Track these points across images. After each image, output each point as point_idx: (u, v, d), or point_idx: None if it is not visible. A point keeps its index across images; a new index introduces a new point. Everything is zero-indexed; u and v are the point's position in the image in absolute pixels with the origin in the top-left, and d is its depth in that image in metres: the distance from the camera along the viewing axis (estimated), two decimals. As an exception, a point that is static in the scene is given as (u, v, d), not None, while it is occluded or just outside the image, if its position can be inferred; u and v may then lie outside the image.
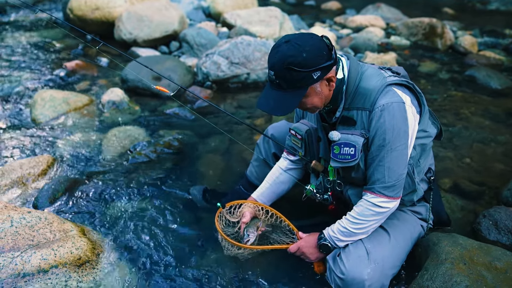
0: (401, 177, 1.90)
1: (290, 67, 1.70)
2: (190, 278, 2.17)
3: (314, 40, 1.74)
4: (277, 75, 1.75)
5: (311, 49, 1.71)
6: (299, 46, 1.70)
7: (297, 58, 1.69)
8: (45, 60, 5.45)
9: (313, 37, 1.76)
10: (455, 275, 1.89)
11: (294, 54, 1.69)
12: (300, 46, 1.70)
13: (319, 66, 1.73)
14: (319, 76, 1.76)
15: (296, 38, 1.73)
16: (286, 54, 1.70)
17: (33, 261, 2.00)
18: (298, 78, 1.73)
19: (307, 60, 1.70)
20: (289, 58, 1.69)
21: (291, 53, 1.69)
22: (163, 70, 4.56)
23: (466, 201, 2.80)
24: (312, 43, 1.73)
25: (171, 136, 3.49)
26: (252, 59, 4.68)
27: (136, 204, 2.69)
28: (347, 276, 1.92)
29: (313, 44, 1.72)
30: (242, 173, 2.85)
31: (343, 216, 2.04)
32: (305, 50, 1.70)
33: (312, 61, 1.71)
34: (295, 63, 1.69)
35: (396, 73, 1.97)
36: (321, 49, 1.74)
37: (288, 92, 1.77)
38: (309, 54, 1.70)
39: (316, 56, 1.72)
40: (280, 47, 1.73)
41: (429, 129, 2.06)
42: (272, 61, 1.74)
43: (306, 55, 1.69)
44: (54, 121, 3.73)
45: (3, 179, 2.81)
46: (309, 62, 1.71)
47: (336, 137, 1.92)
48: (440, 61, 5.98)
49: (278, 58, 1.72)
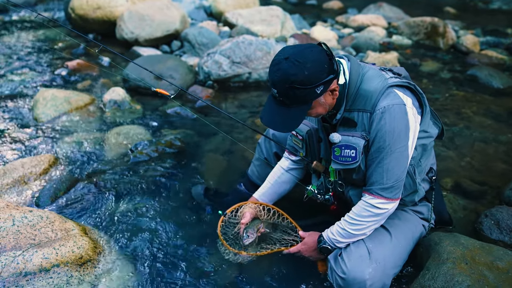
0: (400, 179, 1.89)
1: (292, 86, 1.68)
2: (192, 278, 2.18)
3: (314, 55, 1.70)
4: (280, 93, 1.73)
5: (312, 66, 1.68)
6: (299, 63, 1.67)
7: (299, 76, 1.66)
8: (46, 59, 5.46)
9: (312, 50, 1.72)
10: (457, 274, 1.89)
11: (295, 72, 1.66)
12: (301, 63, 1.67)
13: (322, 81, 1.72)
14: (322, 90, 1.75)
15: (296, 54, 1.68)
16: (287, 73, 1.67)
17: (35, 260, 2.00)
18: (302, 95, 1.72)
19: (309, 77, 1.68)
20: (291, 76, 1.67)
21: (292, 72, 1.66)
22: (165, 69, 4.57)
23: (468, 201, 2.80)
24: (312, 58, 1.69)
25: (173, 135, 3.48)
26: (253, 58, 4.68)
27: (137, 203, 2.69)
28: (348, 275, 1.92)
29: (314, 60, 1.69)
30: (243, 172, 2.84)
31: (342, 218, 2.04)
32: (306, 67, 1.67)
33: (315, 77, 1.69)
34: (297, 82, 1.67)
35: (398, 74, 1.96)
36: (322, 63, 1.71)
37: (292, 108, 1.76)
38: (311, 70, 1.68)
39: (318, 71, 1.70)
40: (280, 64, 1.69)
41: (430, 130, 2.05)
42: (274, 79, 1.72)
43: (308, 72, 1.67)
44: (55, 120, 3.73)
45: (5, 178, 2.81)
46: (311, 79, 1.69)
47: (337, 139, 1.92)
48: (442, 61, 5.96)
49: (280, 76, 1.69)
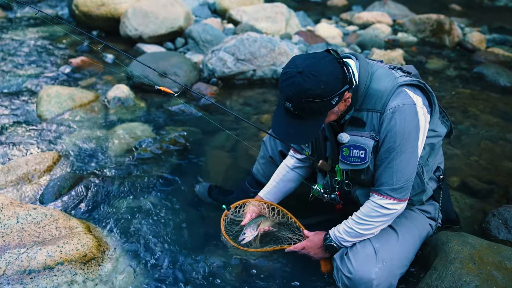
0: (410, 179, 1.87)
1: (309, 99, 1.65)
2: (196, 276, 2.16)
3: (328, 66, 1.66)
4: (295, 107, 1.69)
5: (328, 79, 1.64)
6: (315, 77, 1.63)
7: (316, 91, 1.63)
8: (50, 56, 5.45)
9: (326, 61, 1.67)
10: (465, 275, 1.87)
11: (311, 87, 1.63)
12: (316, 77, 1.63)
13: (337, 93, 1.69)
14: (337, 101, 1.72)
15: (309, 67, 1.64)
16: (303, 88, 1.63)
17: (39, 258, 1.99)
18: (318, 108, 1.69)
19: (325, 90, 1.65)
20: (307, 91, 1.63)
21: (308, 86, 1.63)
22: (169, 66, 4.56)
23: (475, 200, 2.77)
24: (327, 70, 1.65)
25: (177, 133, 3.47)
26: (258, 55, 4.65)
27: (141, 201, 2.68)
28: (354, 275, 1.90)
29: (329, 72, 1.65)
30: (248, 170, 2.83)
31: (349, 217, 2.02)
32: (322, 80, 1.63)
33: (331, 90, 1.66)
34: (314, 96, 1.64)
35: (407, 72, 1.93)
36: (337, 74, 1.68)
37: (308, 120, 1.74)
38: (327, 84, 1.64)
39: (333, 84, 1.67)
40: (295, 78, 1.64)
41: (439, 129, 2.03)
42: (288, 93, 1.67)
43: (324, 86, 1.64)
44: (59, 118, 3.72)
45: (8, 175, 2.81)
46: (327, 92, 1.66)
47: (345, 139, 1.89)
48: (447, 58, 5.93)
49: (295, 91, 1.65)
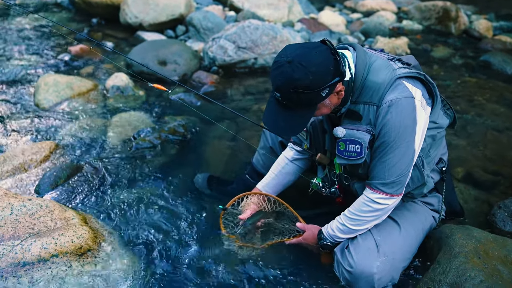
0: (403, 174, 1.81)
1: (297, 90, 1.59)
2: (194, 267, 2.12)
3: (319, 57, 1.60)
4: (284, 97, 1.64)
5: (317, 70, 1.58)
6: (304, 67, 1.57)
7: (304, 81, 1.57)
8: (49, 44, 5.39)
9: (317, 52, 1.61)
10: (469, 269, 1.82)
11: (300, 77, 1.57)
12: (306, 67, 1.57)
13: (327, 84, 1.62)
14: (328, 93, 1.66)
15: (300, 57, 1.58)
16: (291, 77, 1.57)
17: (33, 250, 1.96)
18: (306, 99, 1.64)
19: (314, 81, 1.59)
20: (296, 81, 1.57)
21: (297, 76, 1.57)
22: (169, 54, 4.51)
23: (480, 191, 2.72)
24: (317, 61, 1.59)
25: (176, 122, 3.42)
26: (259, 43, 4.58)
27: (139, 192, 2.64)
28: (355, 269, 1.87)
29: (319, 63, 1.59)
30: (248, 161, 2.78)
31: (342, 213, 1.98)
32: (311, 71, 1.57)
33: (320, 81, 1.60)
34: (302, 86, 1.58)
35: (407, 63, 1.87)
36: (327, 65, 1.61)
37: (297, 111, 1.69)
38: (316, 75, 1.58)
39: (323, 75, 1.61)
40: (283, 67, 1.59)
41: (440, 121, 1.97)
42: (277, 83, 1.62)
43: (313, 77, 1.58)
44: (57, 106, 3.67)
45: (4, 165, 2.77)
46: (316, 83, 1.60)
47: (341, 133, 1.84)
48: (453, 46, 5.84)
49: (283, 81, 1.60)
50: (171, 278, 2.06)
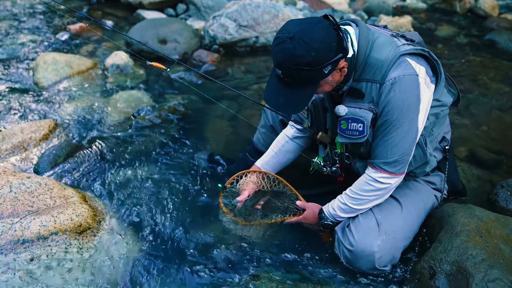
0: (406, 153, 1.78)
1: (298, 67, 1.55)
2: (194, 246, 2.12)
3: (321, 32, 1.55)
4: (285, 74, 1.60)
5: (319, 46, 1.53)
6: (306, 44, 1.52)
7: (306, 58, 1.53)
8: (48, 23, 5.32)
9: (320, 27, 1.56)
10: (471, 248, 1.81)
11: (302, 53, 1.52)
12: (308, 44, 1.52)
13: (330, 61, 1.58)
14: (330, 70, 1.61)
15: (301, 33, 1.53)
16: (293, 54, 1.53)
17: (33, 228, 1.95)
18: (309, 76, 1.59)
19: (316, 58, 1.54)
20: (297, 58, 1.53)
21: (298, 53, 1.52)
22: (169, 33, 4.45)
23: (483, 171, 2.69)
24: (319, 37, 1.54)
25: (176, 101, 3.38)
26: (261, 21, 4.50)
27: (139, 170, 2.62)
28: (356, 248, 1.86)
29: (321, 39, 1.54)
30: (248, 139, 2.75)
31: (344, 192, 1.96)
32: (313, 48, 1.52)
33: (322, 58, 1.56)
34: (304, 63, 1.54)
35: (411, 40, 1.82)
36: (330, 41, 1.56)
37: (298, 89, 1.64)
38: (318, 52, 1.53)
39: (325, 51, 1.56)
40: (285, 43, 1.54)
41: (444, 98, 1.93)
42: (278, 60, 1.58)
43: (315, 53, 1.53)
44: (56, 85, 3.63)
45: (3, 143, 2.75)
46: (319, 60, 1.55)
47: (343, 112, 1.79)
48: (458, 25, 5.74)
49: (285, 57, 1.55)
50: (170, 257, 2.06)
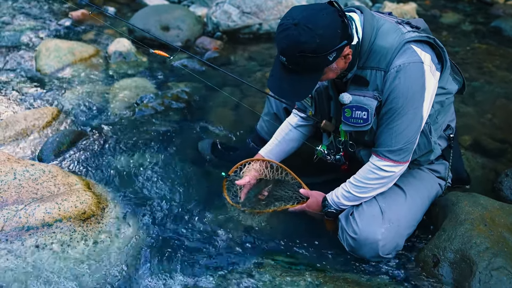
0: (411, 141, 1.78)
1: (303, 54, 1.53)
2: (197, 234, 2.13)
3: (326, 19, 1.53)
4: (289, 61, 1.58)
5: (324, 32, 1.52)
6: (310, 30, 1.50)
7: (311, 44, 1.51)
8: (50, 9, 5.28)
9: (324, 14, 1.54)
10: (475, 236, 1.81)
11: (306, 40, 1.50)
12: (312, 30, 1.50)
13: (335, 48, 1.56)
14: (335, 57, 1.60)
15: (306, 19, 1.52)
16: (298, 41, 1.51)
17: (37, 215, 1.96)
18: (313, 63, 1.58)
19: (321, 45, 1.52)
20: (302, 45, 1.51)
21: (303, 40, 1.50)
22: (172, 20, 4.41)
23: (487, 159, 2.68)
24: (324, 23, 1.52)
25: (179, 88, 3.37)
26: (264, 8, 4.45)
27: (142, 158, 2.63)
28: (360, 235, 1.86)
29: (326, 25, 1.53)
30: (252, 127, 2.74)
31: (347, 180, 1.96)
32: (318, 34, 1.51)
33: (327, 45, 1.54)
34: (309, 50, 1.52)
35: (416, 27, 1.79)
36: (335, 28, 1.55)
37: (303, 76, 1.63)
38: (323, 38, 1.52)
39: (330, 38, 1.54)
40: (289, 30, 1.53)
41: (449, 86, 1.91)
42: (282, 46, 1.56)
43: (320, 40, 1.51)
44: (59, 72, 3.62)
45: (7, 130, 2.75)
46: (324, 47, 1.53)
47: (347, 99, 1.78)
48: (463, 12, 5.67)
49: (289, 44, 1.53)
50: (174, 244, 2.06)
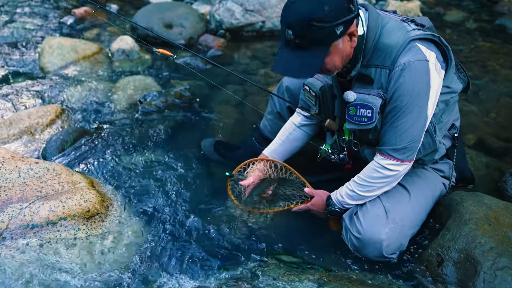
0: (415, 140, 1.77)
1: (312, 23, 1.51)
2: (200, 233, 2.13)
3: None
4: (296, 34, 1.56)
5: (332, 2, 1.52)
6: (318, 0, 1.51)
7: (319, 13, 1.50)
8: (53, 7, 5.28)
9: None
10: (479, 236, 1.80)
11: (314, 8, 1.50)
12: None
13: (342, 20, 1.55)
14: (342, 32, 1.58)
15: None
16: (305, 9, 1.51)
17: (42, 213, 1.96)
18: (321, 34, 1.55)
19: (330, 13, 1.51)
20: (310, 13, 1.50)
21: (311, 7, 1.50)
22: (175, 17, 4.41)
23: (491, 158, 2.67)
24: None
25: (183, 87, 3.37)
26: (267, 6, 4.45)
27: (145, 156, 2.63)
28: (364, 235, 1.86)
29: None
30: (255, 126, 2.74)
31: (352, 179, 1.95)
32: (325, 2, 1.51)
33: (335, 14, 1.53)
34: (317, 19, 1.50)
35: (421, 25, 1.78)
36: (341, 0, 1.55)
37: (310, 51, 1.59)
38: (331, 6, 1.51)
39: (338, 7, 1.53)
40: (296, 2, 1.53)
41: (454, 85, 1.90)
42: (289, 19, 1.55)
43: (328, 8, 1.50)
44: (62, 70, 3.62)
45: (10, 128, 2.75)
46: (332, 15, 1.52)
47: (352, 97, 1.77)
48: (467, 10, 5.64)
49: (297, 15, 1.53)
50: (177, 243, 2.07)
